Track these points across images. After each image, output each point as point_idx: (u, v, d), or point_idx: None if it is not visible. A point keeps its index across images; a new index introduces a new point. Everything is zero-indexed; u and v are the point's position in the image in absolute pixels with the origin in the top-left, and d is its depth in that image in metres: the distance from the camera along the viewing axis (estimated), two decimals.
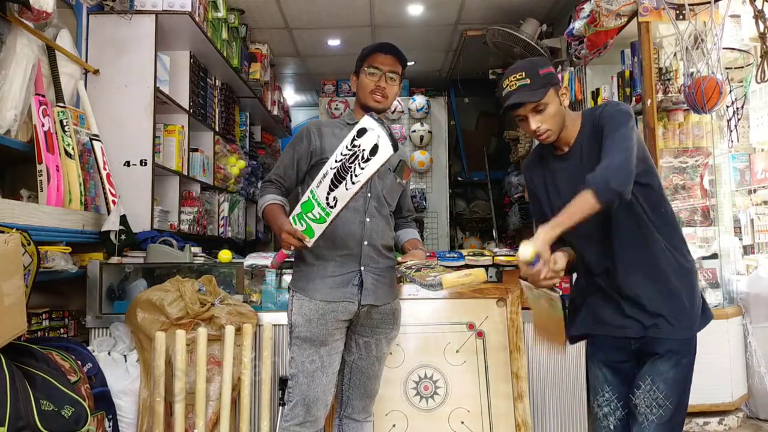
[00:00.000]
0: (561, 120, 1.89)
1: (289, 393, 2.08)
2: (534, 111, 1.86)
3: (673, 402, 1.81)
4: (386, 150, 1.83)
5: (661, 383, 1.81)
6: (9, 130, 2.61)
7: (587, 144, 1.89)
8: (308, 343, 2.04)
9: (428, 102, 6.56)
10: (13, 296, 1.91)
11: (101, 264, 2.87)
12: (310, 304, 2.04)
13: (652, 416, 1.82)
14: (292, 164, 2.16)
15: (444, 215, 6.63)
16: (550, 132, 1.88)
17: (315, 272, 2.07)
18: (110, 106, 3.36)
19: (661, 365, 1.83)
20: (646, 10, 3.24)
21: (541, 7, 4.97)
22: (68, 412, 1.99)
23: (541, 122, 1.86)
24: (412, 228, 2.43)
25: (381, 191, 2.15)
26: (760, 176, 3.99)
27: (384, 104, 2.14)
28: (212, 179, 4.46)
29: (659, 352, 1.83)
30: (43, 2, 2.61)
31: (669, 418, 1.81)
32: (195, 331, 2.54)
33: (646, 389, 1.83)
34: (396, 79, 2.16)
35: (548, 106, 1.86)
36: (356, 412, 2.18)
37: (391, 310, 2.17)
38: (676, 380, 1.82)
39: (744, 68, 3.73)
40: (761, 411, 3.25)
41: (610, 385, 1.93)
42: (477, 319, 2.76)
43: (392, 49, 2.14)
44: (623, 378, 1.91)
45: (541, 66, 1.89)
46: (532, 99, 1.84)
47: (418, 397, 2.70)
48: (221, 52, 4.30)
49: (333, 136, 2.13)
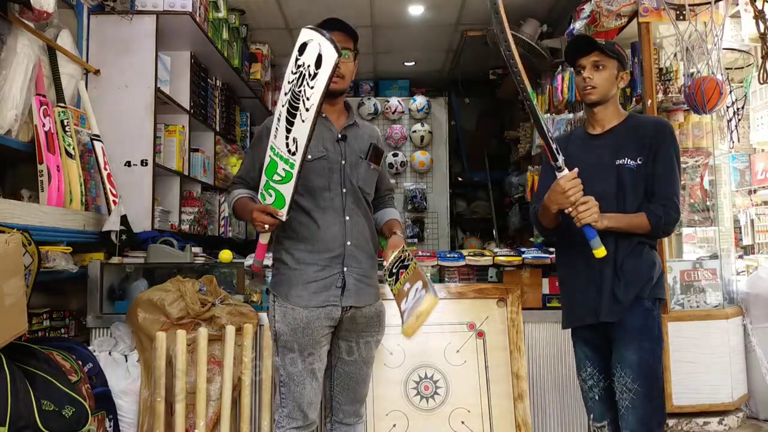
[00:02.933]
0: (608, 91, 2.07)
1: (282, 399, 2.00)
2: (594, 65, 2.06)
3: (642, 385, 1.93)
4: (330, 56, 1.69)
5: (627, 368, 1.95)
6: (10, 131, 2.61)
7: (627, 137, 2.06)
8: (295, 353, 1.96)
9: (429, 102, 6.56)
10: (13, 296, 1.92)
11: (102, 264, 2.87)
12: (293, 312, 1.96)
13: (625, 401, 1.96)
14: (253, 166, 2.07)
15: (444, 215, 6.62)
16: (595, 90, 2.06)
17: (297, 277, 1.98)
18: (111, 106, 3.37)
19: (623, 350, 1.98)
20: (646, 11, 3.24)
21: (542, 8, 4.97)
22: (69, 412, 1.99)
23: (593, 76, 2.05)
24: (391, 207, 2.32)
25: (356, 184, 2.05)
26: (760, 177, 3.99)
27: (342, 84, 2.02)
28: (213, 179, 4.47)
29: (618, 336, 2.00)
30: (44, 2, 2.62)
31: (641, 402, 1.93)
32: (195, 331, 2.54)
33: (617, 376, 1.99)
34: (350, 55, 2.02)
35: (606, 69, 2.06)
36: (347, 417, 2.11)
37: (375, 313, 2.09)
38: (640, 364, 1.94)
39: (744, 69, 3.73)
40: (761, 411, 3.25)
41: (590, 361, 2.10)
42: (477, 319, 2.76)
43: (339, 24, 1.99)
44: (602, 354, 2.08)
45: (617, 45, 2.11)
46: (599, 45, 2.04)
47: (419, 397, 2.70)
48: (222, 52, 4.30)
49: None
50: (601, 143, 2.09)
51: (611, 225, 1.94)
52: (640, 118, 2.14)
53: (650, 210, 1.97)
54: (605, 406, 2.07)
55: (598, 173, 2.04)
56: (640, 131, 2.05)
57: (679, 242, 3.38)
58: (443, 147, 6.65)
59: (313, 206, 2.00)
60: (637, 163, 2.02)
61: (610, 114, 2.10)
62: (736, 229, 3.93)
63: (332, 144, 2.05)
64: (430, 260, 2.94)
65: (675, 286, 3.17)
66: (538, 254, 2.94)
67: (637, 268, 2.00)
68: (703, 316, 3.12)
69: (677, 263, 3.22)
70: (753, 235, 3.93)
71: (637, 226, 1.97)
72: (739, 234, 3.99)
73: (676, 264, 3.20)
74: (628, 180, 2.01)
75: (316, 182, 2.00)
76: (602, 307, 2.00)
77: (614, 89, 2.09)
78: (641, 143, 2.03)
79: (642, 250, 2.02)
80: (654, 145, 2.02)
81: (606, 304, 1.99)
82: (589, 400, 2.12)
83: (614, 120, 2.10)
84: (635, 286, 1.99)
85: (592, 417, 2.11)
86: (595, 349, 2.09)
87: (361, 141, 2.12)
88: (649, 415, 1.94)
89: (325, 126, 2.05)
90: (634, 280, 1.99)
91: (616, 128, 2.09)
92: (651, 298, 2.01)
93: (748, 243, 3.98)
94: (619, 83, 2.09)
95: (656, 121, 2.12)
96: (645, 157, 2.02)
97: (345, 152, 2.06)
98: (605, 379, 2.07)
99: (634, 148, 2.03)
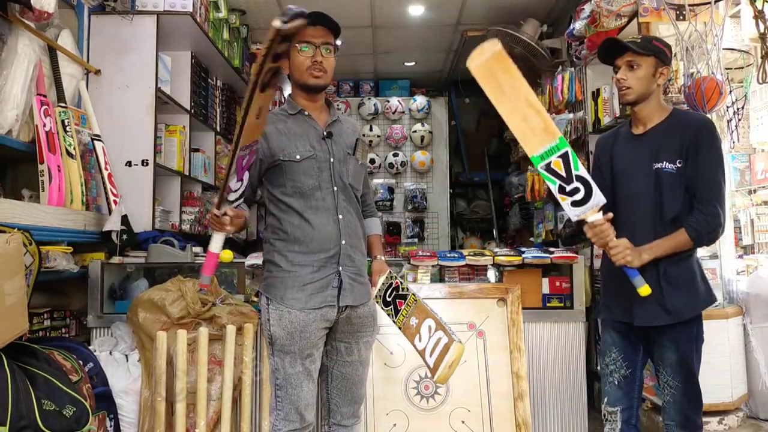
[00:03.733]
0: (646, 89, 2.04)
1: (278, 402, 1.98)
2: (628, 65, 2.04)
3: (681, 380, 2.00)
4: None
5: (668, 368, 2.02)
6: (10, 130, 2.62)
7: (666, 139, 2.03)
8: (292, 356, 1.94)
9: (429, 102, 6.57)
10: (14, 296, 1.92)
11: (102, 264, 2.87)
12: (290, 315, 1.93)
13: (667, 396, 2.04)
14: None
15: (444, 215, 6.63)
16: (630, 90, 2.04)
17: (292, 279, 1.95)
18: (111, 106, 3.37)
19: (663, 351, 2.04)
20: (646, 11, 3.24)
21: (542, 8, 4.97)
22: (69, 411, 1.99)
23: (627, 77, 2.03)
24: (374, 216, 2.29)
25: (346, 181, 2.03)
26: (760, 176, 3.99)
27: (324, 79, 1.99)
28: (213, 179, 4.47)
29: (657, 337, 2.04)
30: (45, 2, 2.62)
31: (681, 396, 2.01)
32: (196, 331, 2.55)
33: (660, 372, 2.06)
34: (331, 50, 1.99)
35: (641, 68, 2.02)
36: (345, 418, 2.09)
37: (369, 313, 2.07)
38: (680, 362, 2.01)
39: (744, 68, 3.73)
40: (761, 411, 3.24)
41: (617, 347, 2.12)
42: (477, 319, 2.76)
43: (321, 18, 1.96)
44: (628, 342, 2.11)
45: (656, 39, 2.09)
46: (627, 46, 2.02)
47: (419, 397, 2.71)
48: (222, 52, 4.31)
49: (278, 133, 2.00)
50: (642, 143, 2.07)
51: (651, 257, 1.95)
52: (682, 116, 2.08)
53: (689, 224, 1.96)
54: (621, 393, 2.11)
55: (638, 175, 2.05)
56: (680, 131, 2.01)
57: None
58: (443, 147, 6.66)
59: (305, 207, 1.97)
60: (676, 165, 1.99)
61: (651, 111, 2.08)
62: (736, 229, 3.93)
63: (318, 142, 2.02)
64: (430, 260, 2.94)
65: None
66: (538, 254, 2.94)
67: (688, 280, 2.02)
68: (703, 316, 3.11)
69: None
70: (753, 235, 3.93)
71: (680, 246, 1.97)
72: (739, 234, 3.99)
73: None
74: (667, 183, 2.00)
75: (306, 182, 1.97)
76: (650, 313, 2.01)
77: (653, 86, 2.05)
78: (681, 144, 1.99)
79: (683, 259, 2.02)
80: (694, 146, 1.98)
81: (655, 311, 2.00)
82: (607, 383, 2.14)
83: (656, 117, 2.08)
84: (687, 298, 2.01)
85: (606, 401, 2.14)
86: (624, 338, 2.12)
87: (346, 136, 2.10)
88: (686, 407, 2.02)
89: (309, 124, 2.03)
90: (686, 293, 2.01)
91: (657, 127, 2.07)
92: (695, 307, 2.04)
93: (748, 243, 3.97)
94: (659, 79, 2.05)
95: (697, 120, 2.06)
96: (684, 159, 1.99)
97: (332, 149, 2.03)
98: (627, 368, 2.11)
99: (674, 149, 2.00)
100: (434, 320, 1.86)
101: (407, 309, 1.94)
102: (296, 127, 2.02)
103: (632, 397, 2.12)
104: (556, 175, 1.88)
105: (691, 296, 2.02)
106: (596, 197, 1.88)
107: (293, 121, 2.03)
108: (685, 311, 2.00)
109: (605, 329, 2.19)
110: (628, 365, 2.11)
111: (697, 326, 2.05)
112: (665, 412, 2.07)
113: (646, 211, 2.01)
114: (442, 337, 1.81)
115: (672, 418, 2.04)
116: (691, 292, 2.02)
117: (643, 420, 3.21)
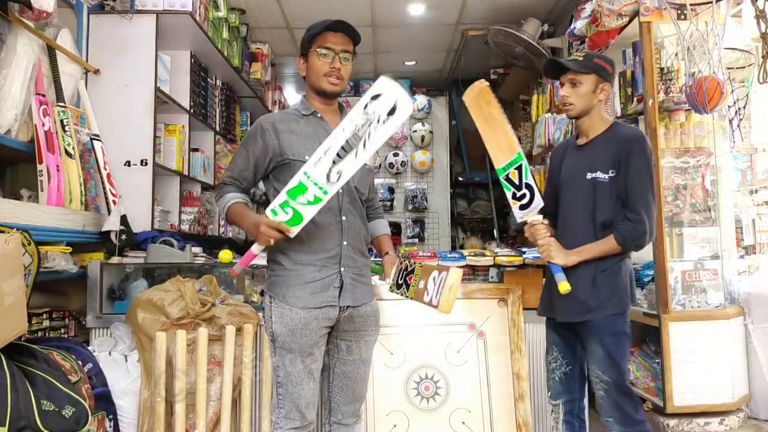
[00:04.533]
0: (587, 105, 2.21)
1: (279, 400, 1.99)
2: (570, 82, 2.21)
3: (611, 375, 2.12)
4: (406, 110, 1.75)
5: (597, 362, 2.15)
6: (9, 130, 2.61)
7: (603, 150, 2.19)
8: (293, 353, 1.95)
9: (429, 102, 6.56)
10: (13, 296, 1.91)
11: (102, 264, 2.86)
12: (291, 313, 1.94)
13: (599, 391, 2.16)
14: (247, 166, 2.03)
15: (445, 215, 6.63)
16: (572, 107, 2.22)
17: (294, 278, 1.97)
18: (111, 105, 3.36)
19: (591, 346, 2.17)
20: (647, 10, 3.23)
21: (543, 7, 4.97)
22: (69, 412, 1.98)
23: (569, 94, 2.22)
24: (380, 218, 2.31)
25: (352, 185, 2.04)
26: (761, 176, 3.98)
27: (340, 86, 2.03)
28: (213, 179, 4.47)
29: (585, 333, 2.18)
30: (44, 2, 2.61)
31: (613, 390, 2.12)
32: (195, 331, 2.54)
33: (590, 369, 2.21)
34: (349, 59, 2.02)
35: (583, 85, 2.19)
36: (345, 417, 2.10)
37: (372, 312, 2.09)
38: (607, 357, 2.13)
39: (746, 68, 3.72)
40: (762, 411, 3.24)
41: (558, 347, 2.32)
42: (478, 319, 2.76)
43: (343, 26, 1.99)
44: (566, 342, 2.29)
45: (598, 57, 2.25)
46: (568, 66, 2.20)
47: (419, 398, 2.70)
48: (222, 51, 4.30)
49: (290, 132, 2.01)
50: (583, 154, 2.26)
51: (579, 259, 2.14)
52: (618, 130, 2.23)
53: (617, 230, 2.12)
54: (561, 388, 2.31)
55: (575, 184, 2.23)
56: (615, 143, 2.17)
57: (680, 242, 3.37)
58: (444, 147, 6.65)
59: None
60: (609, 175, 2.15)
61: (592, 124, 2.25)
62: (738, 229, 3.92)
63: None
64: (430, 260, 2.93)
65: (676, 287, 3.16)
66: (539, 254, 2.93)
67: (610, 281, 2.15)
68: (704, 316, 3.12)
69: (678, 263, 3.21)
70: (754, 235, 3.92)
71: (608, 251, 2.13)
72: (740, 234, 3.98)
73: (677, 264, 3.20)
74: (600, 192, 2.16)
75: None
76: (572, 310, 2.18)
77: (594, 101, 2.21)
78: (615, 155, 2.15)
79: (613, 261, 2.16)
80: (625, 157, 2.13)
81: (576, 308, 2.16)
82: (550, 379, 2.35)
83: (597, 129, 2.24)
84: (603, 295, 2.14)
85: (550, 394, 2.35)
86: (563, 339, 2.30)
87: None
88: (621, 401, 2.13)
89: (321, 126, 2.04)
90: (606, 293, 2.14)
91: (596, 139, 2.23)
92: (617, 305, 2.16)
93: (749, 243, 3.97)
94: (599, 95, 2.21)
95: (629, 134, 2.20)
96: (617, 169, 2.14)
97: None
98: (567, 365, 2.29)
99: (608, 161, 2.16)
100: (437, 270, 1.88)
101: (416, 278, 1.97)
102: (308, 128, 2.04)
103: (573, 392, 2.30)
104: (512, 183, 2.22)
105: (610, 295, 2.14)
106: (536, 201, 2.16)
107: (306, 122, 2.05)
108: (598, 309, 2.13)
109: (548, 329, 2.37)
110: (568, 363, 2.29)
111: (621, 324, 2.16)
112: (601, 409, 2.17)
113: (583, 217, 2.19)
114: (443, 275, 1.85)
115: (610, 414, 2.15)
116: (610, 292, 2.14)
117: None
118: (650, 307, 3.29)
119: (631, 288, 2.20)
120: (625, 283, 2.18)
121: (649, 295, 3.38)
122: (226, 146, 4.79)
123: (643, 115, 3.29)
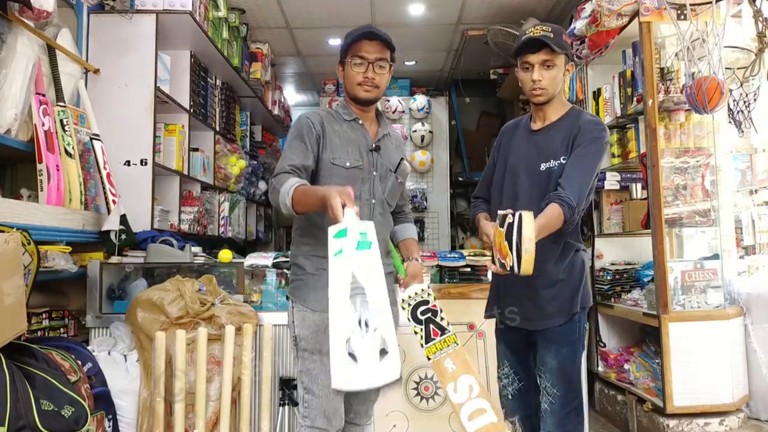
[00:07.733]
0: (556, 90, 2.00)
1: (305, 408, 1.96)
2: (543, 64, 1.96)
3: (560, 389, 1.96)
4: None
5: (548, 373, 1.99)
6: (9, 130, 2.61)
7: (556, 137, 2.00)
8: (318, 355, 1.94)
9: (429, 102, 6.56)
10: (13, 296, 1.91)
11: (101, 264, 2.86)
12: (313, 315, 1.96)
13: (545, 404, 2.00)
14: (307, 156, 1.94)
15: (445, 215, 6.62)
16: (544, 91, 1.98)
17: (316, 282, 1.97)
18: (111, 105, 3.36)
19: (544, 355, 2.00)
20: (647, 10, 3.23)
21: (543, 7, 4.97)
22: (68, 411, 1.98)
23: (542, 77, 1.96)
24: (410, 222, 2.31)
25: (383, 196, 2.06)
26: (761, 177, 3.98)
27: (375, 94, 2.01)
28: (212, 179, 4.46)
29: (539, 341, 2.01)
30: (44, 1, 2.61)
31: (559, 406, 1.97)
32: (195, 331, 2.54)
33: (540, 379, 2.03)
34: (385, 66, 2.00)
35: (555, 67, 1.96)
36: (358, 417, 2.12)
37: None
38: (559, 369, 1.97)
39: (747, 68, 3.71)
40: (762, 412, 3.24)
41: (508, 361, 2.15)
42: (478, 319, 2.76)
43: (377, 34, 1.97)
44: (519, 357, 2.12)
45: (564, 33, 2.00)
46: (552, 44, 1.91)
47: (419, 398, 2.70)
48: (222, 51, 4.30)
49: (334, 134, 2.00)
50: (535, 141, 2.05)
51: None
52: (575, 116, 2.03)
53: (561, 198, 1.84)
54: (516, 404, 2.13)
55: (526, 172, 2.03)
56: (569, 128, 1.99)
57: (680, 242, 3.37)
58: (444, 147, 6.65)
59: None
60: (560, 162, 1.97)
61: (553, 109, 2.05)
62: (738, 230, 3.91)
63: (366, 153, 2.03)
64: (430, 260, 2.93)
65: (676, 287, 3.16)
66: None
67: (564, 279, 1.99)
68: (703, 316, 3.11)
69: (678, 263, 3.21)
70: (754, 236, 3.92)
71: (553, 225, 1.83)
72: (740, 234, 3.97)
73: (676, 264, 3.19)
74: (553, 182, 1.96)
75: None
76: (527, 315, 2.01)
77: (561, 84, 2.02)
78: (568, 140, 1.97)
79: (568, 256, 2.00)
80: (577, 141, 1.95)
81: (532, 312, 2.00)
82: (503, 397, 2.16)
83: (555, 114, 2.04)
84: (562, 297, 1.98)
85: (504, 412, 2.13)
86: (513, 352, 2.13)
87: (391, 152, 2.12)
88: (564, 418, 1.98)
89: (361, 133, 2.05)
90: (561, 291, 1.98)
91: (552, 125, 2.04)
92: (577, 306, 2.01)
93: (749, 243, 3.96)
94: (566, 78, 2.03)
95: (585, 122, 2.00)
96: (568, 155, 1.96)
97: (377, 163, 2.05)
98: (519, 381, 2.12)
99: (561, 148, 1.98)
100: (478, 382, 1.85)
101: (443, 346, 1.91)
102: (351, 133, 2.04)
103: (528, 406, 2.11)
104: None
105: (569, 296, 1.99)
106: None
107: (348, 127, 2.05)
108: (559, 314, 1.98)
109: (498, 341, 2.20)
110: (521, 378, 2.12)
111: (579, 330, 2.01)
112: (543, 422, 2.01)
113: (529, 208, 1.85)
114: (487, 410, 1.80)
115: (549, 429, 1.99)
116: (571, 292, 1.99)
117: (643, 421, 3.20)
118: (650, 308, 3.29)
119: (587, 289, 2.05)
120: (585, 278, 2.03)
121: (648, 295, 3.38)
122: (226, 146, 4.79)
123: (643, 115, 3.30)
